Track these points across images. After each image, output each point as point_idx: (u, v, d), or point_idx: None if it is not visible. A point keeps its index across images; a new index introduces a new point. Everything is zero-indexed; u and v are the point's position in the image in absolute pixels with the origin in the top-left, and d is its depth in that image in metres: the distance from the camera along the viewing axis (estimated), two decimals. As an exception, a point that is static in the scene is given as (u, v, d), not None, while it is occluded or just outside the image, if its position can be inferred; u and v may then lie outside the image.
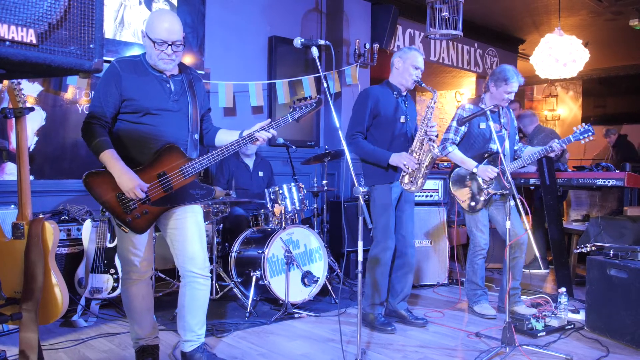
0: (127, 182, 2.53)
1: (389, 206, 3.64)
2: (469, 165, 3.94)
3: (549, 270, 5.69)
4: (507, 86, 3.86)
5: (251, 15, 5.54)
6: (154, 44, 2.60)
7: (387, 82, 3.79)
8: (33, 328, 2.40)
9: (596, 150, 10.94)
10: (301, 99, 2.81)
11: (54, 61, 1.30)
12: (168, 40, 2.59)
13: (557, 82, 11.62)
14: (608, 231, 4.70)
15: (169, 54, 2.63)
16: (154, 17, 2.65)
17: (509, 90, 3.87)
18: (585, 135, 3.95)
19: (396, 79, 3.75)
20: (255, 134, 2.73)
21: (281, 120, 2.77)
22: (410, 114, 3.78)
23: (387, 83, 3.79)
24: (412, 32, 7.06)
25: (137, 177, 2.55)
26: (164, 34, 2.59)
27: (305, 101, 2.79)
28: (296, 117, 2.78)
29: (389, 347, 3.32)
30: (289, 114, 2.79)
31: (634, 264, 3.40)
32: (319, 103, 2.79)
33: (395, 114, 3.69)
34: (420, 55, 3.70)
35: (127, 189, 2.54)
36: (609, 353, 3.24)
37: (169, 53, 2.63)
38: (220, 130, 2.97)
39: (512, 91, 3.88)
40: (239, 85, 5.29)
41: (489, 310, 4.00)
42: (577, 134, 3.96)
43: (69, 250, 3.90)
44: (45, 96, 4.29)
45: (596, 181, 4.45)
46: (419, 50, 3.76)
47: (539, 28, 8.23)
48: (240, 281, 4.19)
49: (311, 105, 2.78)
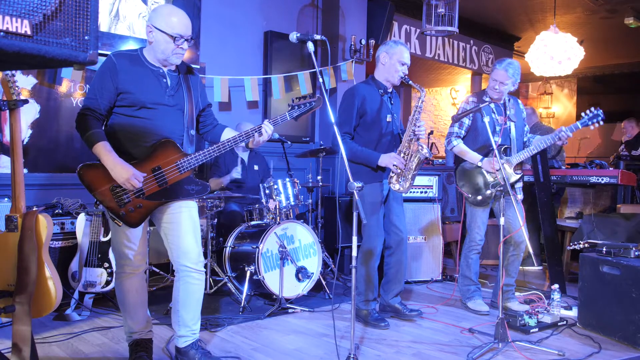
0: (121, 173, 2.51)
1: (378, 204, 3.64)
2: (473, 159, 3.93)
3: (542, 267, 5.71)
4: (492, 74, 3.91)
5: (247, 10, 5.52)
6: (173, 39, 2.60)
7: (372, 77, 3.74)
8: (26, 321, 2.39)
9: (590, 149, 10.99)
10: (300, 97, 2.79)
11: (48, 52, 1.29)
12: (185, 35, 2.62)
13: (552, 80, 11.66)
14: (601, 228, 4.73)
15: (185, 49, 2.66)
16: (169, 13, 2.63)
17: (494, 78, 3.89)
18: (595, 120, 3.78)
19: (382, 75, 3.70)
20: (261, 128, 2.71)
21: (279, 118, 2.76)
22: (396, 111, 3.76)
23: (372, 79, 3.73)
24: (408, 28, 7.06)
25: (131, 167, 2.54)
26: (183, 29, 2.60)
27: (305, 100, 2.77)
28: (295, 115, 2.77)
29: (382, 343, 3.33)
30: (287, 112, 2.77)
31: (626, 261, 3.43)
32: (319, 102, 2.78)
33: (381, 113, 3.65)
34: (406, 51, 3.65)
35: (122, 180, 2.52)
36: (601, 349, 3.27)
37: (185, 48, 2.66)
38: (226, 129, 2.96)
39: (495, 79, 3.87)
40: (234, 80, 5.27)
41: (482, 306, 4.01)
42: (586, 119, 3.81)
43: (62, 243, 3.89)
44: (39, 89, 4.27)
45: (590, 178, 4.47)
46: (405, 45, 3.71)
47: (535, 25, 8.25)
48: (234, 276, 4.20)
49: (310, 104, 2.77)
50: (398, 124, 3.78)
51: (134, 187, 2.56)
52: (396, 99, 3.82)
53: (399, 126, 3.79)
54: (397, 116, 3.78)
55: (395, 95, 3.83)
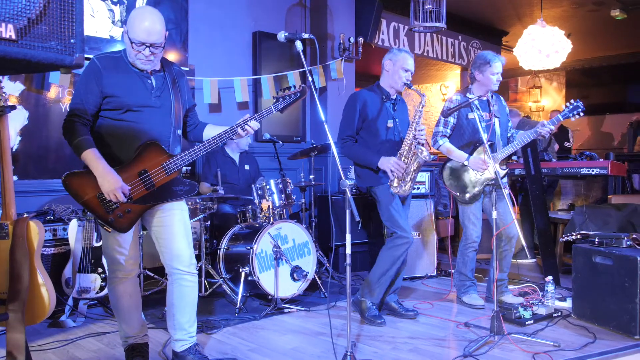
0: (109, 184, 2.49)
1: (394, 200, 3.65)
2: (460, 158, 3.95)
3: (536, 260, 5.74)
4: (491, 67, 3.88)
5: (235, 10, 5.51)
6: (132, 44, 2.54)
7: (377, 84, 3.81)
8: (20, 329, 2.37)
9: (581, 141, 11.05)
10: (285, 89, 2.77)
11: (34, 56, 1.28)
12: (146, 42, 2.52)
13: (541, 74, 11.72)
14: (593, 219, 4.76)
15: (146, 55, 2.56)
16: (135, 15, 2.57)
17: (495, 71, 3.89)
18: (575, 111, 3.86)
19: (386, 82, 3.76)
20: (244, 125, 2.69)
21: (264, 112, 2.73)
22: (399, 117, 3.78)
23: (377, 86, 3.80)
24: (396, 25, 7.07)
25: (120, 178, 2.51)
26: (142, 34, 2.51)
27: (289, 91, 2.75)
28: (280, 107, 2.75)
29: (379, 339, 3.34)
30: (272, 105, 2.75)
31: (618, 250, 3.45)
32: (303, 92, 2.75)
33: (381, 118, 3.69)
34: (410, 57, 3.70)
35: (108, 191, 2.50)
36: (596, 339, 3.28)
37: (147, 54, 2.56)
38: (207, 126, 2.93)
39: (497, 71, 3.90)
40: (224, 81, 5.26)
41: (477, 300, 4.03)
42: (566, 111, 3.89)
43: (55, 250, 3.87)
44: (27, 95, 4.24)
45: (580, 170, 4.49)
46: (409, 52, 3.76)
47: (522, 20, 8.29)
48: (229, 277, 4.19)
49: (295, 95, 2.75)
50: (403, 129, 3.77)
51: (118, 200, 2.53)
52: (401, 104, 3.85)
53: (404, 131, 3.79)
54: (401, 122, 3.79)
55: (402, 101, 3.86)
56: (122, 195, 2.52)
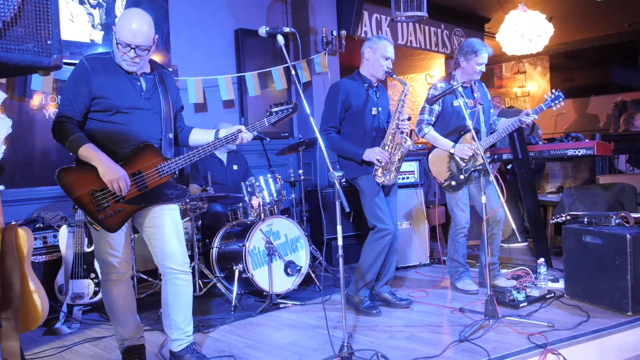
0: (112, 173, 2.49)
1: (377, 192, 3.65)
2: (445, 146, 3.97)
3: (527, 243, 5.78)
4: (477, 57, 3.89)
5: (216, 9, 5.49)
6: (118, 44, 2.54)
7: (357, 72, 3.78)
8: (14, 336, 2.36)
9: (567, 124, 11.11)
10: (277, 104, 2.87)
11: (11, 59, 1.28)
12: (131, 44, 2.53)
13: (525, 59, 11.75)
14: (582, 200, 4.80)
15: (131, 57, 2.57)
16: (123, 16, 2.59)
17: (480, 62, 3.90)
18: (557, 101, 3.95)
19: (367, 70, 3.74)
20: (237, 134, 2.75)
21: (257, 124, 2.83)
22: (382, 104, 3.78)
23: (357, 74, 3.78)
24: (378, 16, 7.07)
25: (122, 169, 2.53)
26: (128, 36, 2.52)
27: (282, 106, 2.86)
28: (272, 121, 2.87)
29: (375, 329, 3.35)
30: (265, 118, 2.85)
31: (607, 229, 3.48)
32: (295, 108, 2.87)
33: (366, 106, 3.68)
34: (390, 45, 3.69)
35: (110, 180, 2.49)
36: (589, 318, 3.32)
37: (132, 56, 2.56)
38: (193, 130, 2.94)
39: (482, 62, 3.91)
40: (208, 80, 5.24)
41: (471, 285, 4.05)
42: (548, 101, 3.97)
43: (46, 257, 3.84)
44: (10, 103, 4.20)
45: (567, 152, 4.52)
46: (388, 39, 3.74)
47: (503, 5, 8.30)
48: (223, 276, 4.18)
49: (287, 110, 2.87)
50: (385, 118, 3.79)
51: (119, 190, 2.53)
52: (382, 92, 3.85)
53: (386, 119, 3.80)
54: (384, 110, 3.79)
55: (382, 89, 3.85)
56: (125, 185, 2.52)
